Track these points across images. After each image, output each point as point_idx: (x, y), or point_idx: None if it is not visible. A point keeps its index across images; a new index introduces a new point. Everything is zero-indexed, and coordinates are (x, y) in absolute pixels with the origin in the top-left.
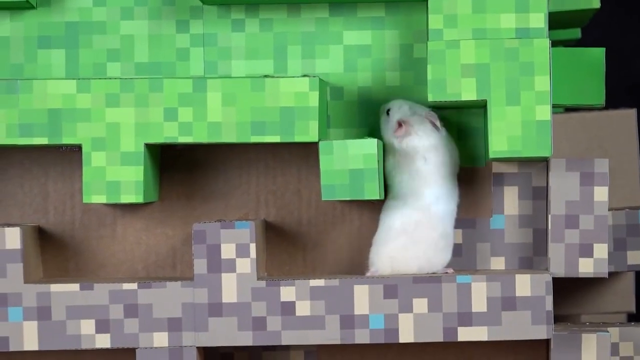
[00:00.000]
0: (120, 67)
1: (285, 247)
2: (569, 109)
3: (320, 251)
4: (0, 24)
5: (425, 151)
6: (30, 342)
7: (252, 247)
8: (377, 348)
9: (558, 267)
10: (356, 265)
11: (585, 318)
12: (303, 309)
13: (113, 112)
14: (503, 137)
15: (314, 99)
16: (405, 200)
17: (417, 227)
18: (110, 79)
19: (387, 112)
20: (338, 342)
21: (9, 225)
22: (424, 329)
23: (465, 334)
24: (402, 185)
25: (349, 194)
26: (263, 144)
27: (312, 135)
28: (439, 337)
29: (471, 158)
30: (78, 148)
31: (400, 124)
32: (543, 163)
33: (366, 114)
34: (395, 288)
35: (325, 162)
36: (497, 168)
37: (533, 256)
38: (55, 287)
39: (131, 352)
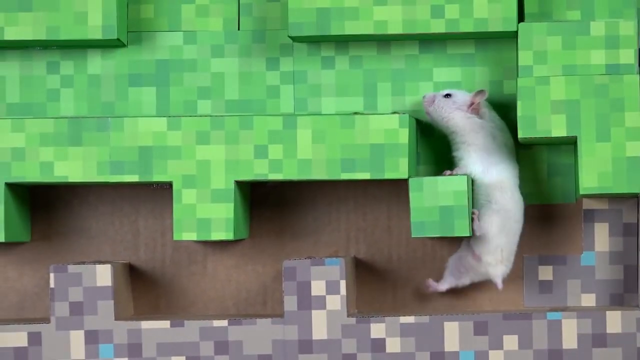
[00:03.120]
0: (210, 104)
1: (375, 284)
2: None
3: (410, 288)
4: (92, 62)
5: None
6: None
7: (342, 284)
8: None
9: None
10: (446, 302)
11: None
12: (393, 345)
13: (203, 149)
14: (594, 174)
15: (404, 136)
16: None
17: None
18: (200, 116)
19: (447, 95)
20: None
21: (100, 262)
22: None
23: None
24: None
25: (439, 231)
26: (353, 181)
27: (402, 172)
28: None
29: (562, 194)
30: (169, 185)
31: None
32: (634, 199)
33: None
34: (486, 325)
35: (415, 199)
36: (587, 204)
37: (624, 293)
38: (146, 324)
39: None
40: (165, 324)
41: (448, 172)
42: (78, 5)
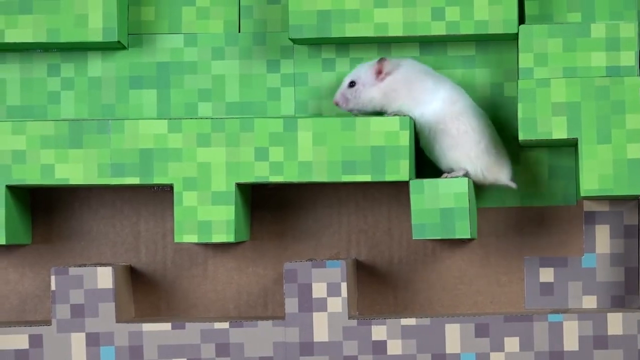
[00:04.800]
0: (211, 106)
1: (376, 286)
2: None
3: (411, 290)
4: (92, 65)
5: None
6: None
7: (344, 286)
8: None
9: None
10: (447, 304)
11: None
12: (394, 348)
13: (204, 151)
14: (594, 176)
15: (404, 138)
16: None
17: None
18: (201, 118)
19: (352, 84)
20: None
21: (101, 264)
22: None
23: None
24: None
25: (440, 233)
26: (354, 183)
27: (403, 174)
28: None
29: (562, 196)
30: (169, 188)
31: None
32: (634, 201)
33: None
34: (487, 327)
35: (416, 201)
36: (588, 207)
37: (625, 295)
38: (147, 327)
39: None
40: (166, 326)
41: (446, 175)
42: (78, 8)
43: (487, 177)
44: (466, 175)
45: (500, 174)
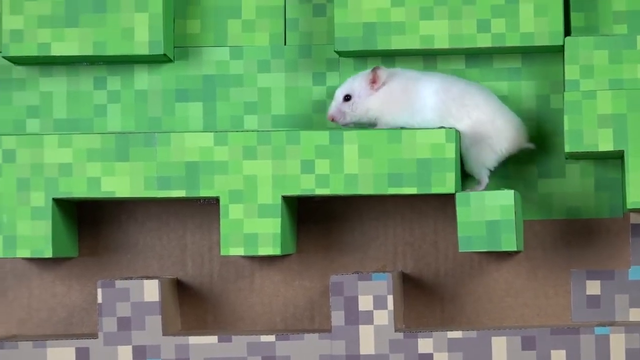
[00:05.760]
0: (257, 119)
1: (422, 298)
2: None
3: (457, 303)
4: (139, 78)
5: None
6: None
7: (390, 299)
8: None
9: None
10: (494, 316)
11: None
12: None
13: (250, 164)
14: None
15: (450, 151)
16: None
17: None
18: (247, 131)
19: (347, 97)
20: None
21: (147, 277)
22: None
23: None
24: None
25: (486, 245)
26: (400, 196)
27: (449, 187)
28: None
29: (609, 209)
30: (215, 201)
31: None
32: None
33: (503, 165)
34: (534, 340)
35: (462, 213)
36: (635, 219)
37: None
38: (193, 339)
39: None
40: (212, 339)
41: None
42: (125, 21)
43: (511, 150)
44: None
45: (521, 140)
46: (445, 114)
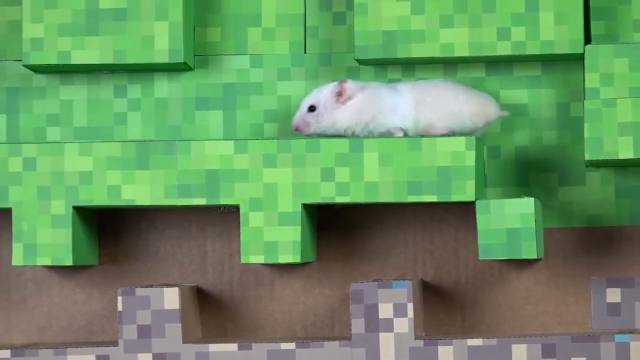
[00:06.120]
0: (277, 127)
1: (443, 306)
2: None
3: (478, 310)
4: (159, 86)
5: None
6: None
7: (410, 307)
8: None
9: None
10: (514, 324)
11: None
12: None
13: (270, 172)
14: None
15: (470, 158)
16: None
17: None
18: (267, 139)
19: (311, 108)
20: None
21: (168, 285)
22: None
23: None
24: None
25: (507, 253)
26: (420, 204)
27: (469, 195)
28: None
29: (629, 216)
30: (236, 208)
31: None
32: None
33: (523, 173)
34: (554, 347)
35: (482, 221)
36: None
37: None
38: (213, 347)
39: None
40: (233, 346)
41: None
42: (145, 29)
43: (477, 122)
44: (452, 134)
45: (487, 111)
46: (418, 104)
